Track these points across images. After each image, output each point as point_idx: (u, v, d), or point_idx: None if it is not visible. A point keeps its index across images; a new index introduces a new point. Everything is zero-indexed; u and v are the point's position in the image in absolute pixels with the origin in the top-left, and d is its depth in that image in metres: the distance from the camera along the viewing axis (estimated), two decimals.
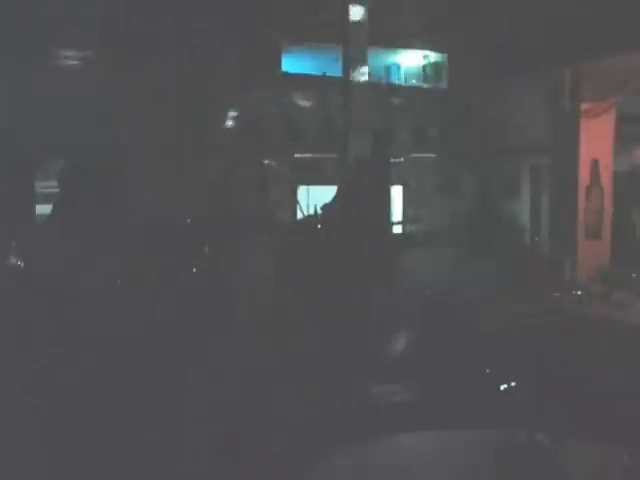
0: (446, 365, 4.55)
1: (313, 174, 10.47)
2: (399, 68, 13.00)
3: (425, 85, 12.60)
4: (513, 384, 4.04)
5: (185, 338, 6.83)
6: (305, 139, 10.75)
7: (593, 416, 3.31)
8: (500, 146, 12.33)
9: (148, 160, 10.52)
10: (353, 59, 9.19)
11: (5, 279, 5.62)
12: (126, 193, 4.52)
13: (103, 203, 3.61)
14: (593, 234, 6.29)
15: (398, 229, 10.48)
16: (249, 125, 10.53)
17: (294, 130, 10.68)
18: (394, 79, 12.90)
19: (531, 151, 10.96)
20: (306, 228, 7.59)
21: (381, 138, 9.06)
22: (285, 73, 11.24)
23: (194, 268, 8.10)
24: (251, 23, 9.80)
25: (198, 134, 11.13)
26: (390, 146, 9.40)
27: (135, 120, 10.82)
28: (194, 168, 11.49)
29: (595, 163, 6.24)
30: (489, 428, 2.75)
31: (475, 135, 12.39)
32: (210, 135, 11.01)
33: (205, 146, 10.95)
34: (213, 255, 7.50)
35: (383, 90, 11.60)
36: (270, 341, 6.83)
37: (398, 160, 10.68)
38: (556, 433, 2.29)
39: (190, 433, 4.52)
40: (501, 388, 4.06)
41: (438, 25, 10.39)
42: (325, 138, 10.75)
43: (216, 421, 4.52)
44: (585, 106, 6.19)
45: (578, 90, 6.04)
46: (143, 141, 10.85)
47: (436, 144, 11.89)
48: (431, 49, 12.41)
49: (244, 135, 10.57)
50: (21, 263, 4.65)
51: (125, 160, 5.49)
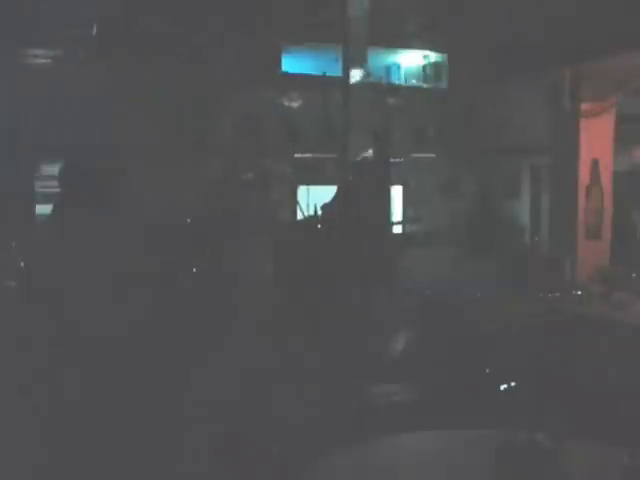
0: (446, 365, 4.55)
1: (313, 174, 10.47)
2: (399, 68, 13.00)
3: (425, 85, 12.60)
4: (513, 384, 4.05)
5: (185, 337, 6.83)
6: (305, 139, 10.75)
7: (593, 416, 3.32)
8: (500, 146, 12.35)
9: (148, 160, 10.52)
10: (353, 59, 9.19)
11: (5, 279, 5.62)
12: (126, 193, 4.52)
13: (103, 203, 3.60)
14: (593, 234, 6.29)
15: (398, 229, 10.48)
16: (249, 125, 10.54)
17: (293, 130, 10.68)
18: (394, 79, 12.91)
19: (531, 151, 10.97)
20: (306, 228, 7.59)
21: (381, 138, 9.06)
22: (285, 73, 11.25)
23: (194, 268, 8.10)
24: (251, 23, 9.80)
25: (198, 134, 11.14)
26: (390, 146, 9.40)
27: (135, 120, 10.82)
28: (194, 168, 11.49)
29: (595, 163, 6.24)
30: (489, 428, 2.75)
31: (475, 135, 12.40)
32: (210, 135, 11.01)
33: (205, 146, 10.94)
34: (213, 255, 7.51)
35: (383, 90, 11.60)
36: (270, 341, 6.84)
37: (398, 160, 10.68)
38: (556, 433, 2.29)
39: (190, 433, 4.52)
40: (501, 388, 4.06)
41: (438, 25, 10.40)
42: (325, 138, 10.76)
43: (216, 421, 4.52)
44: (585, 106, 6.19)
45: (578, 90, 6.04)
46: (143, 141, 10.85)
47: (436, 144, 11.90)
48: (431, 49, 12.41)
49: (244, 135, 10.58)
50: (21, 263, 4.65)
51: (125, 160, 5.49)
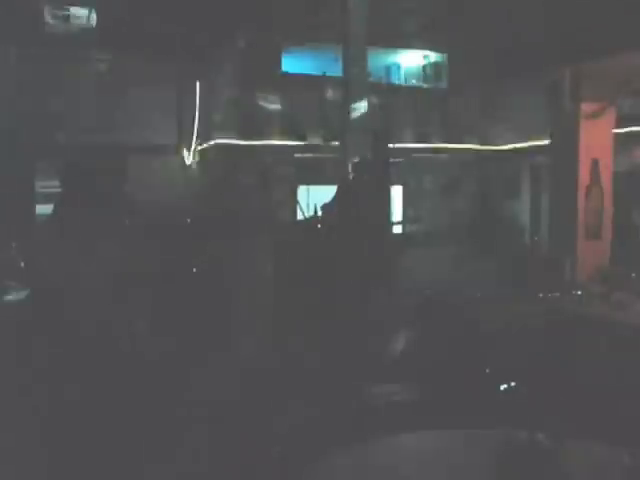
0: (446, 365, 4.55)
1: (313, 174, 10.47)
2: (399, 68, 13.01)
3: (425, 85, 12.61)
4: (513, 384, 4.05)
5: (185, 336, 6.83)
6: (305, 139, 10.76)
7: (593, 416, 3.32)
8: (500, 146, 12.35)
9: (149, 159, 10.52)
10: (353, 59, 9.19)
11: (5, 279, 5.62)
12: (126, 193, 4.52)
13: (103, 203, 3.60)
14: (593, 234, 6.28)
15: (398, 229, 10.49)
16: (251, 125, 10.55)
17: (294, 130, 10.69)
18: (394, 79, 12.91)
19: (531, 151, 10.99)
20: (306, 228, 7.59)
21: (381, 138, 9.05)
22: (285, 73, 11.25)
23: (194, 268, 8.09)
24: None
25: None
26: (390, 146, 9.40)
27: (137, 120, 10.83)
28: (195, 168, 11.50)
29: (595, 163, 6.23)
30: (489, 428, 2.75)
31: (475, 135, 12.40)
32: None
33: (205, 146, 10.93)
34: (213, 255, 7.51)
35: (383, 90, 11.61)
36: (270, 341, 6.84)
37: (398, 160, 10.69)
38: (556, 433, 2.29)
39: (191, 433, 4.52)
40: (501, 388, 4.06)
41: (439, 25, 10.40)
42: (325, 138, 10.76)
43: (216, 421, 4.52)
44: (585, 106, 6.19)
45: (578, 90, 6.04)
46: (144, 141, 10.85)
47: (436, 144, 11.91)
48: (431, 49, 12.42)
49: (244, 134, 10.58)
50: (22, 263, 4.66)
51: (125, 160, 5.48)
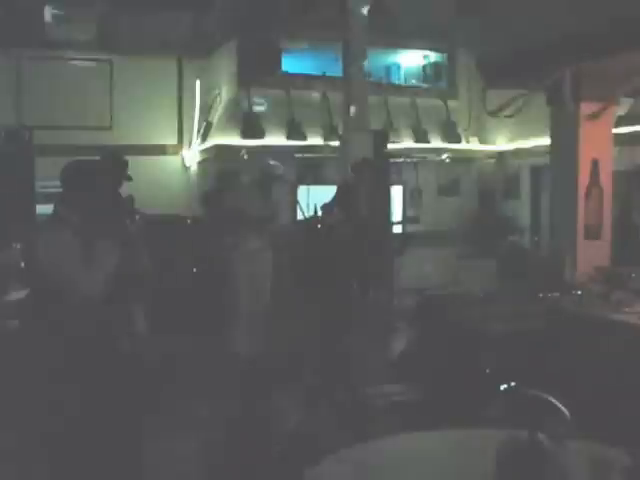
0: (446, 365, 4.56)
1: (313, 174, 10.48)
2: (399, 68, 13.00)
3: (425, 85, 12.60)
4: (513, 384, 4.05)
5: (184, 336, 6.84)
6: (305, 139, 10.77)
7: (593, 416, 3.32)
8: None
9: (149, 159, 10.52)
10: (353, 59, 9.20)
11: (6, 279, 5.62)
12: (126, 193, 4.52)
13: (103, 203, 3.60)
14: (593, 234, 6.28)
15: (398, 229, 10.48)
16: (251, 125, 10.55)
17: (294, 130, 10.69)
18: (394, 79, 12.91)
19: (531, 151, 10.99)
20: (306, 228, 7.57)
21: (381, 138, 9.05)
22: (285, 73, 11.26)
23: (194, 268, 8.09)
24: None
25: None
26: (390, 146, 9.41)
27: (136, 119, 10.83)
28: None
29: (595, 163, 6.23)
30: (489, 428, 2.76)
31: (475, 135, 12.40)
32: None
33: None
34: (213, 255, 7.51)
35: (383, 90, 11.61)
36: (270, 340, 6.84)
37: (398, 160, 10.69)
38: (556, 433, 2.29)
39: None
40: (501, 388, 4.06)
41: (440, 25, 10.39)
42: (325, 138, 10.77)
43: (216, 424, 4.53)
44: (585, 106, 6.18)
45: (578, 90, 6.04)
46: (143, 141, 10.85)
47: (435, 144, 11.90)
48: (431, 49, 12.42)
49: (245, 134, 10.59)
50: (21, 263, 4.65)
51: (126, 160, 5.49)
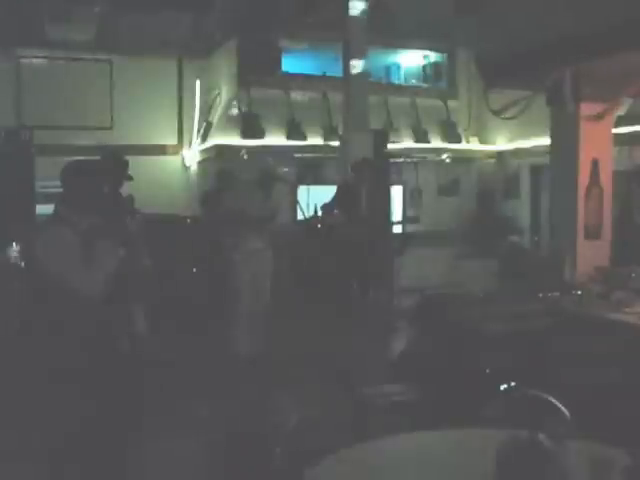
0: (446, 365, 4.56)
1: (313, 174, 10.49)
2: (399, 68, 13.01)
3: (425, 85, 12.62)
4: (513, 384, 4.05)
5: (184, 335, 6.84)
6: (305, 139, 10.77)
7: (593, 416, 3.32)
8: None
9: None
10: (353, 59, 9.20)
11: (6, 279, 5.62)
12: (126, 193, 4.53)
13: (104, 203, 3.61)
14: (593, 234, 6.28)
15: (398, 229, 10.49)
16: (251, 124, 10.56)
17: (294, 130, 10.70)
18: (394, 79, 12.92)
19: (531, 151, 10.99)
20: (306, 228, 7.58)
21: (381, 138, 9.06)
22: (285, 73, 11.27)
23: (194, 268, 8.09)
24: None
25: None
26: (390, 146, 9.42)
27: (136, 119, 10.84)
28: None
29: (595, 163, 6.23)
30: (489, 428, 2.76)
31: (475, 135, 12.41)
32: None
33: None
34: (213, 255, 7.51)
35: (383, 90, 11.62)
36: (270, 340, 6.84)
37: (398, 160, 10.70)
38: (556, 433, 2.30)
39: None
40: (501, 388, 4.07)
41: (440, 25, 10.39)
42: (325, 138, 10.77)
43: (215, 424, 4.53)
44: (585, 106, 6.19)
45: (578, 90, 6.04)
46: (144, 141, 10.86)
47: (435, 144, 11.91)
48: (431, 49, 12.42)
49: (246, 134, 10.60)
50: (21, 263, 4.65)
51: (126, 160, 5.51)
